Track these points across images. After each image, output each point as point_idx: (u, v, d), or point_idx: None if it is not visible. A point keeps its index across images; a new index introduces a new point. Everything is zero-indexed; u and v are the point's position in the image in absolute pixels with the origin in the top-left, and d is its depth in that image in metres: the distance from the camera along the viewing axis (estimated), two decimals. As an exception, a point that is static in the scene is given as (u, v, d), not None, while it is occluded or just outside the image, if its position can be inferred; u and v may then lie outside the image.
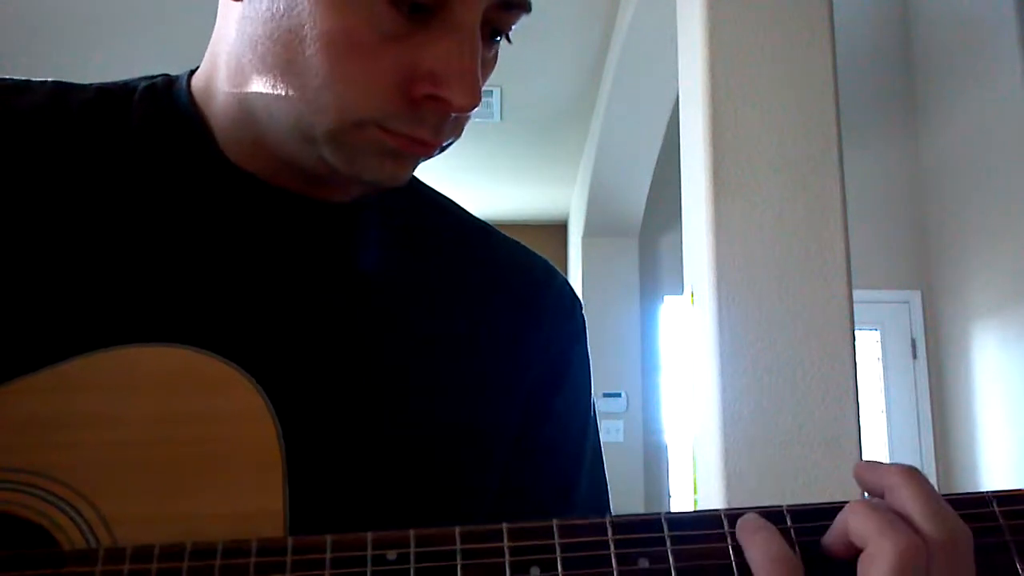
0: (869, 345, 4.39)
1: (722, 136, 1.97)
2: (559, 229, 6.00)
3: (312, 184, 0.56)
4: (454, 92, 0.48)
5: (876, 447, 4.27)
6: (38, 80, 0.58)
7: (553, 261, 0.69)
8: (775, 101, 1.99)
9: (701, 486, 1.98)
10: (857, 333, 1.91)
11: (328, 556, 0.41)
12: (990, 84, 3.79)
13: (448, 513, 0.55)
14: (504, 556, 0.41)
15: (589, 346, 0.68)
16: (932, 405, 4.28)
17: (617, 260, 5.01)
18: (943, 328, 4.26)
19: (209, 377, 0.46)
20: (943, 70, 4.22)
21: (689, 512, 0.43)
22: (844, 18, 2.26)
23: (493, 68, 0.55)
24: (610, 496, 0.68)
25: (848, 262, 1.92)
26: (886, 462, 0.43)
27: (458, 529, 0.42)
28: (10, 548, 0.41)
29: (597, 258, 5.03)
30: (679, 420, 4.77)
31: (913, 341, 4.38)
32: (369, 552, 0.41)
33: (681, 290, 2.25)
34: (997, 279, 3.77)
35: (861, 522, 0.40)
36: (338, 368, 0.54)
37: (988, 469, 3.85)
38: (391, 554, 0.41)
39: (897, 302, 4.40)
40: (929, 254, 4.39)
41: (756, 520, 0.42)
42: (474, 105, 0.49)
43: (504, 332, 0.62)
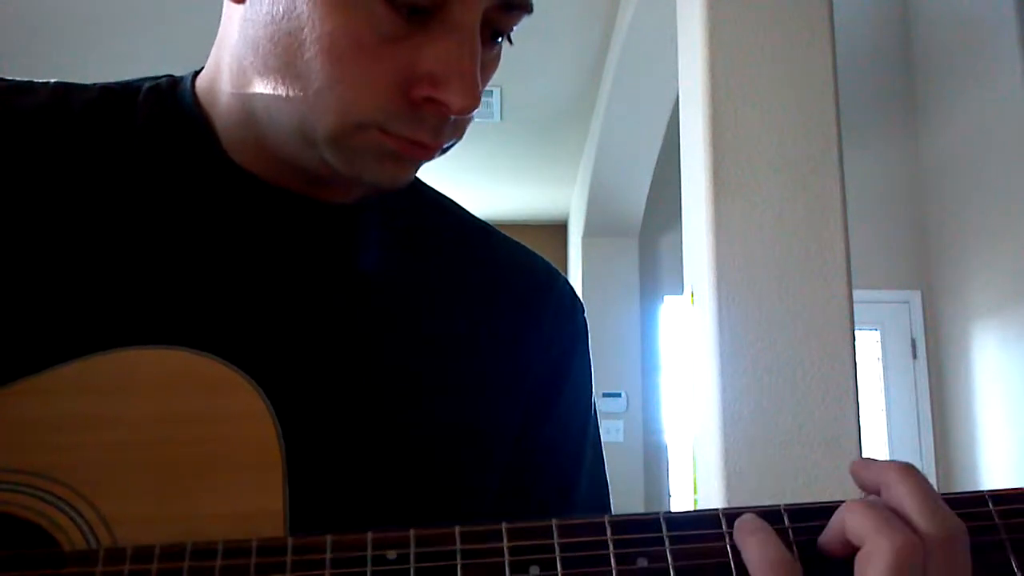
0: (869, 345, 4.39)
1: (722, 136, 1.97)
2: (559, 229, 6.00)
3: (314, 185, 0.56)
4: (453, 94, 0.48)
5: (876, 447, 4.27)
6: (40, 81, 0.58)
7: (553, 261, 0.69)
8: (775, 101, 1.99)
9: (701, 486, 1.98)
10: (857, 333, 1.91)
11: (328, 556, 0.41)
12: (990, 84, 3.79)
13: (448, 513, 0.55)
14: (504, 556, 0.41)
15: (589, 346, 0.68)
16: (932, 405, 4.28)
17: (617, 260, 5.01)
18: (943, 328, 4.26)
19: (209, 378, 0.46)
20: (943, 70, 4.22)
21: (688, 512, 0.43)
22: (844, 18, 2.26)
23: (495, 69, 0.54)
24: (611, 496, 0.68)
25: (848, 262, 1.92)
26: (883, 460, 0.43)
27: (458, 529, 0.42)
28: (10, 548, 0.41)
29: (597, 258, 5.03)
30: (679, 420, 4.77)
31: (913, 341, 4.38)
32: (369, 552, 0.41)
33: (681, 290, 2.25)
34: (997, 279, 3.77)
35: (857, 520, 0.40)
36: (338, 368, 0.54)
37: (988, 469, 3.85)
38: (391, 554, 0.41)
39: (897, 302, 4.40)
40: (929, 254, 4.39)
41: (753, 521, 0.42)
42: (473, 107, 0.49)
43: (505, 332, 0.62)
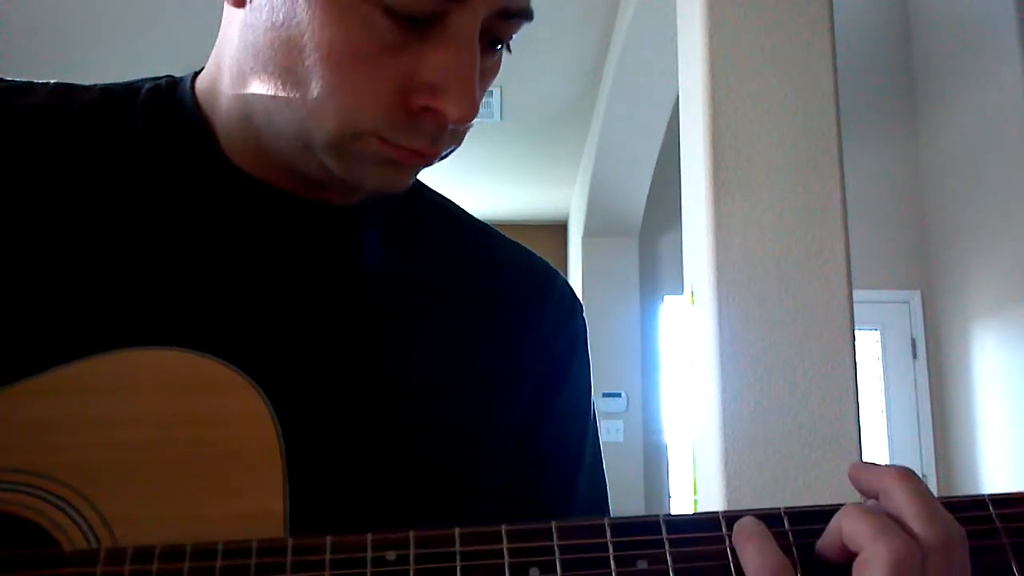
0: (869, 345, 4.39)
1: (722, 136, 1.97)
2: (559, 229, 6.00)
3: (313, 188, 0.56)
4: (451, 104, 0.48)
5: (876, 447, 4.28)
6: (40, 82, 0.58)
7: (553, 261, 0.69)
8: (775, 101, 1.99)
9: (701, 486, 1.98)
10: (857, 333, 1.92)
11: (328, 557, 0.41)
12: (990, 84, 3.79)
13: (448, 514, 0.55)
14: (503, 557, 0.41)
15: (589, 347, 0.68)
16: (932, 405, 4.28)
17: (617, 260, 5.01)
18: (943, 328, 4.26)
19: (209, 379, 0.46)
20: (943, 70, 4.22)
21: (687, 514, 0.43)
22: (844, 18, 2.26)
23: (495, 76, 0.54)
24: (609, 497, 0.68)
25: (848, 262, 1.92)
26: (881, 463, 0.43)
27: (457, 530, 0.42)
28: (11, 548, 0.41)
29: (597, 258, 5.03)
30: (679, 420, 4.77)
31: (913, 341, 4.38)
32: (369, 553, 0.41)
33: (681, 290, 2.25)
34: (997, 279, 3.77)
35: (855, 526, 0.40)
36: (339, 369, 0.54)
37: (988, 469, 3.85)
38: (390, 555, 0.41)
39: (897, 302, 4.40)
40: (929, 254, 4.39)
41: (752, 525, 0.42)
42: (471, 117, 0.49)
43: (505, 333, 0.62)
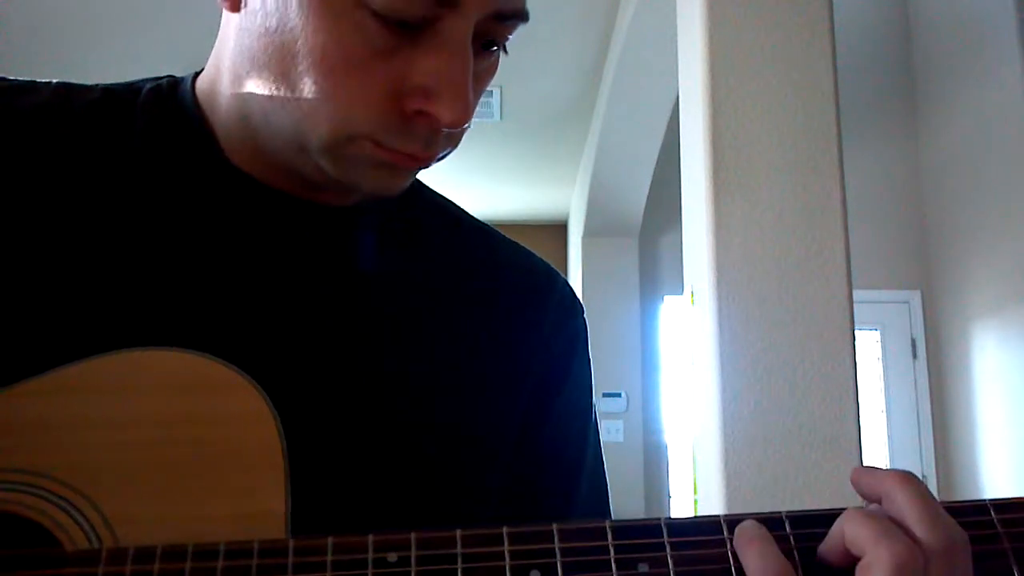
0: (869, 345, 4.39)
1: (722, 136, 1.97)
2: (559, 229, 6.00)
3: (312, 189, 0.56)
4: (444, 107, 0.48)
5: (876, 447, 4.28)
6: (43, 81, 0.58)
7: (553, 261, 0.69)
8: (775, 101, 1.99)
9: (701, 486, 1.98)
10: (857, 333, 1.92)
11: (329, 558, 0.41)
12: (990, 84, 3.79)
13: (448, 514, 0.55)
14: (504, 560, 0.41)
15: (589, 347, 0.68)
16: (932, 405, 4.28)
17: (617, 260, 5.01)
18: (943, 328, 4.26)
19: (211, 379, 0.46)
20: (943, 70, 4.22)
21: (689, 518, 0.43)
22: (844, 18, 2.26)
23: (492, 77, 0.54)
24: (610, 497, 0.68)
25: (848, 262, 1.92)
26: (883, 468, 0.43)
27: (459, 532, 0.42)
28: (13, 548, 0.41)
29: (597, 258, 5.03)
30: (679, 420, 4.77)
31: (913, 341, 4.38)
32: (370, 554, 0.41)
33: (681, 290, 2.25)
34: (997, 279, 3.77)
35: (857, 530, 0.40)
36: (339, 370, 0.54)
37: (988, 469, 3.85)
38: (392, 556, 0.41)
39: (897, 302, 4.41)
40: (929, 254, 4.39)
41: (753, 529, 0.42)
42: (464, 121, 0.49)
43: (505, 333, 0.62)
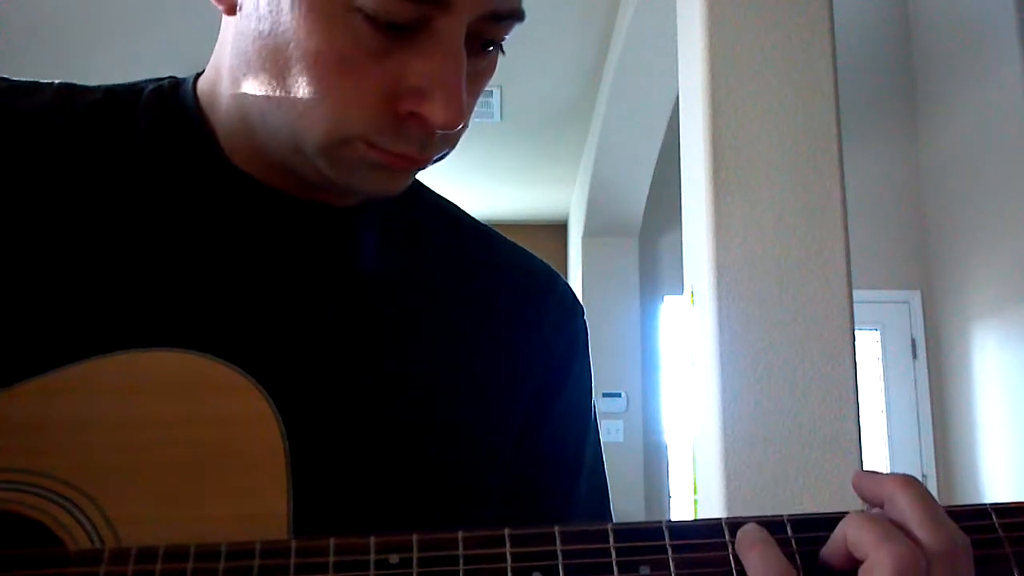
0: (869, 345, 4.39)
1: (722, 136, 1.97)
2: (559, 229, 6.00)
3: (312, 189, 0.56)
4: (436, 109, 0.48)
5: (876, 447, 4.28)
6: (45, 82, 0.58)
7: (553, 261, 0.69)
8: (775, 101, 1.99)
9: (701, 486, 1.99)
10: (857, 333, 1.92)
11: (331, 560, 0.41)
12: (990, 84, 3.79)
13: (449, 514, 0.55)
14: (506, 561, 0.41)
15: (589, 349, 0.68)
16: (932, 405, 4.28)
17: (617, 260, 5.01)
18: (943, 328, 4.26)
19: (213, 380, 0.46)
20: (943, 70, 4.22)
21: (690, 520, 0.43)
22: (844, 18, 2.26)
23: (490, 77, 0.54)
24: (610, 498, 0.68)
25: (848, 262, 1.92)
26: (885, 472, 0.43)
27: (460, 534, 0.42)
28: (15, 547, 0.41)
29: (597, 258, 5.03)
30: (679, 420, 4.77)
31: (913, 341, 4.38)
32: (372, 556, 0.41)
33: (681, 290, 2.25)
34: (997, 279, 3.77)
35: (859, 533, 0.40)
36: (340, 371, 0.54)
37: (988, 469, 3.85)
38: (393, 558, 0.41)
39: (897, 302, 4.41)
40: (929, 254, 4.39)
41: (755, 532, 0.42)
42: (457, 123, 0.49)
43: (505, 334, 0.62)
